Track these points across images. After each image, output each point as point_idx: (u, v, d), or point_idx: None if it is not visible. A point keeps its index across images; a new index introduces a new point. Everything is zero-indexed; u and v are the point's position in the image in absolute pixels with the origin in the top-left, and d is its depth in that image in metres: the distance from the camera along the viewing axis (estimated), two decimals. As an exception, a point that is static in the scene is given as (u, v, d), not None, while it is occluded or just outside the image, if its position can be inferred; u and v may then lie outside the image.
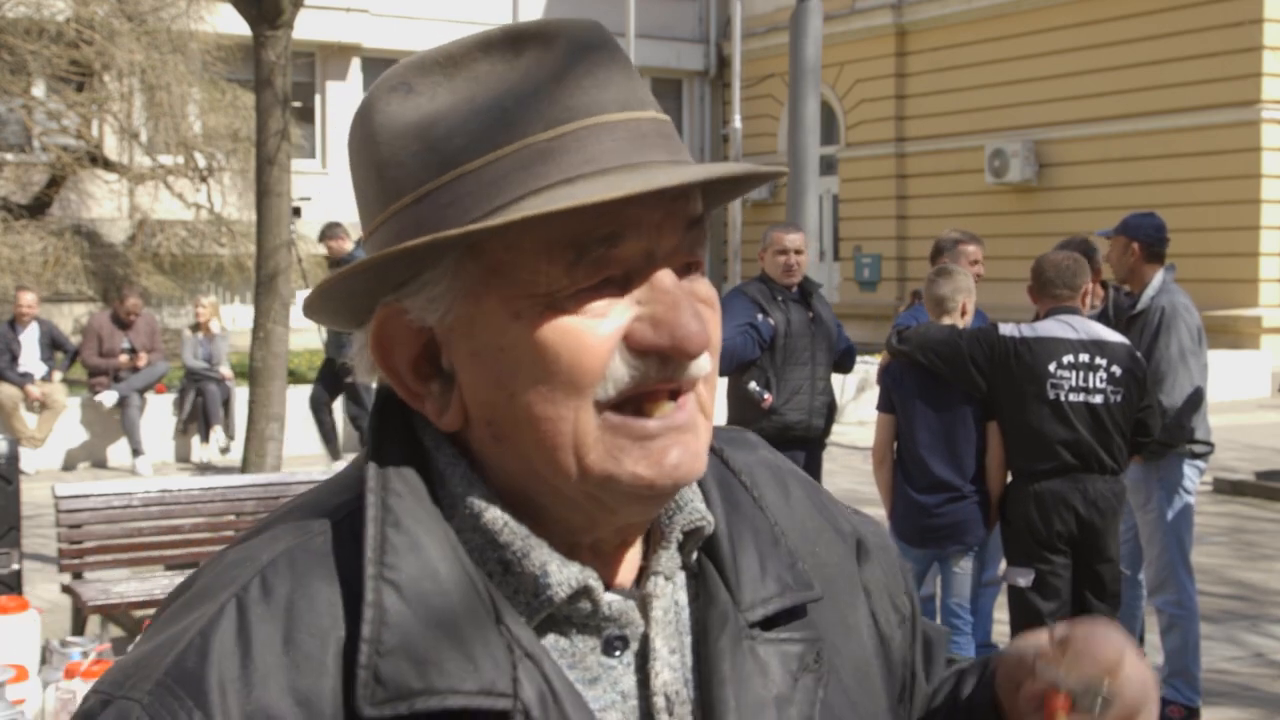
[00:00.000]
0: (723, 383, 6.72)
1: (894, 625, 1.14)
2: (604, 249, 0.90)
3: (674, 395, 0.94)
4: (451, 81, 0.93)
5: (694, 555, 1.01)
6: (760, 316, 6.40)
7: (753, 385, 6.40)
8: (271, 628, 0.89)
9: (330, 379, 11.54)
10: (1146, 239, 5.84)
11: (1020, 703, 1.05)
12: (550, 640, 0.94)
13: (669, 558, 0.99)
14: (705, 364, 0.95)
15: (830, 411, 6.67)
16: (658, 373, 0.92)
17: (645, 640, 0.97)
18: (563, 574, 0.93)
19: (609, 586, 0.97)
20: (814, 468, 6.67)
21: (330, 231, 11.60)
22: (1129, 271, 5.91)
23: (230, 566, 0.94)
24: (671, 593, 1.00)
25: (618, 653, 0.96)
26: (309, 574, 0.92)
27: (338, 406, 11.98)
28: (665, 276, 0.92)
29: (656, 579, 0.99)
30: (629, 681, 0.96)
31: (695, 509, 1.01)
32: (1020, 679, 1.04)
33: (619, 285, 0.92)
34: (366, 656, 0.87)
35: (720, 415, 6.90)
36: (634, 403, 0.92)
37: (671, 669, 0.97)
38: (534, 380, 0.91)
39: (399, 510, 0.92)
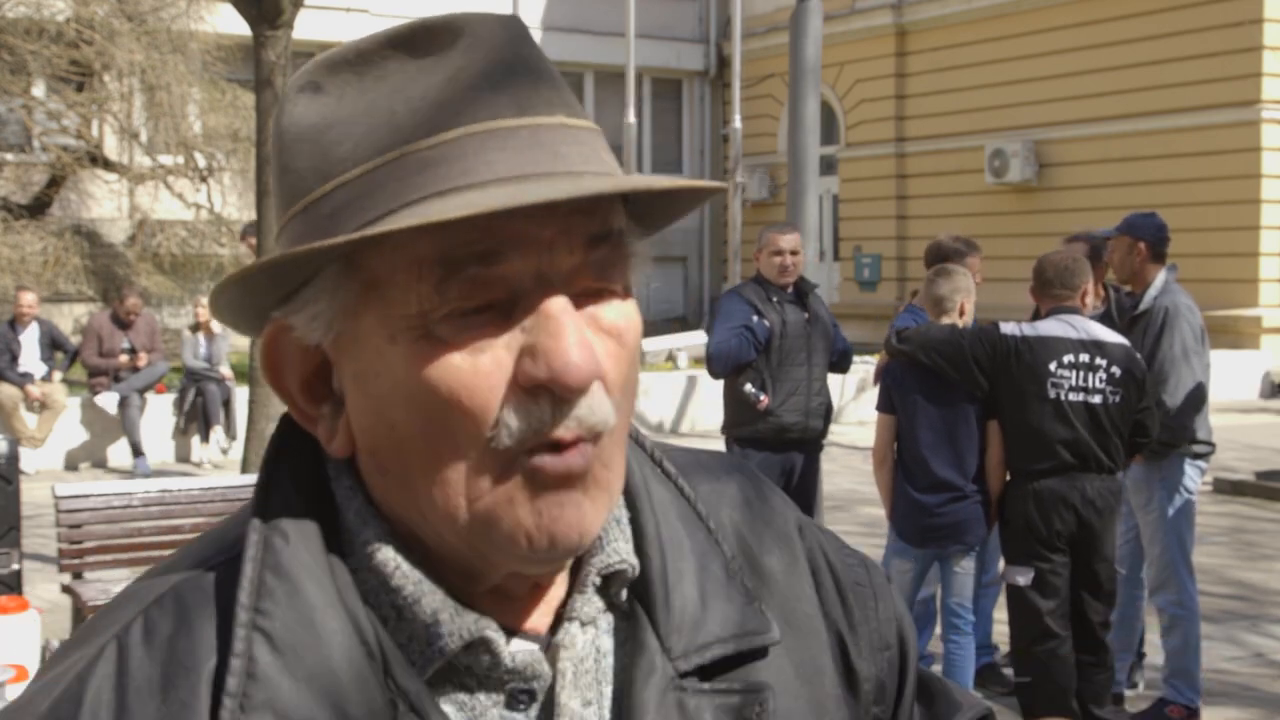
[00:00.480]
0: (719, 385, 6.72)
1: (844, 685, 1.02)
2: (479, 268, 0.81)
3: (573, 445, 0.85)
4: (361, 81, 0.86)
5: (623, 596, 0.93)
6: (755, 318, 6.38)
7: (748, 387, 6.39)
8: (151, 672, 0.84)
9: None
10: (1151, 239, 5.84)
11: None
12: (448, 693, 0.88)
13: (585, 602, 0.92)
14: (606, 414, 0.85)
15: (828, 412, 6.67)
16: (551, 415, 0.82)
17: (553, 692, 0.89)
18: (455, 624, 0.86)
19: (519, 631, 0.90)
20: (812, 469, 6.66)
21: (250, 231, 11.34)
22: (1133, 272, 5.90)
23: (119, 604, 0.89)
24: (592, 639, 0.92)
25: (522, 706, 0.89)
26: (195, 613, 0.86)
27: None
28: (552, 302, 0.83)
29: (570, 626, 0.91)
30: None
31: (615, 550, 0.92)
32: None
33: (504, 311, 0.83)
34: (230, 712, 0.81)
35: (716, 417, 6.87)
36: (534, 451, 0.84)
37: None
38: (413, 413, 0.83)
39: (280, 550, 0.86)
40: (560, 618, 0.92)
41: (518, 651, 0.89)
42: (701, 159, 27.26)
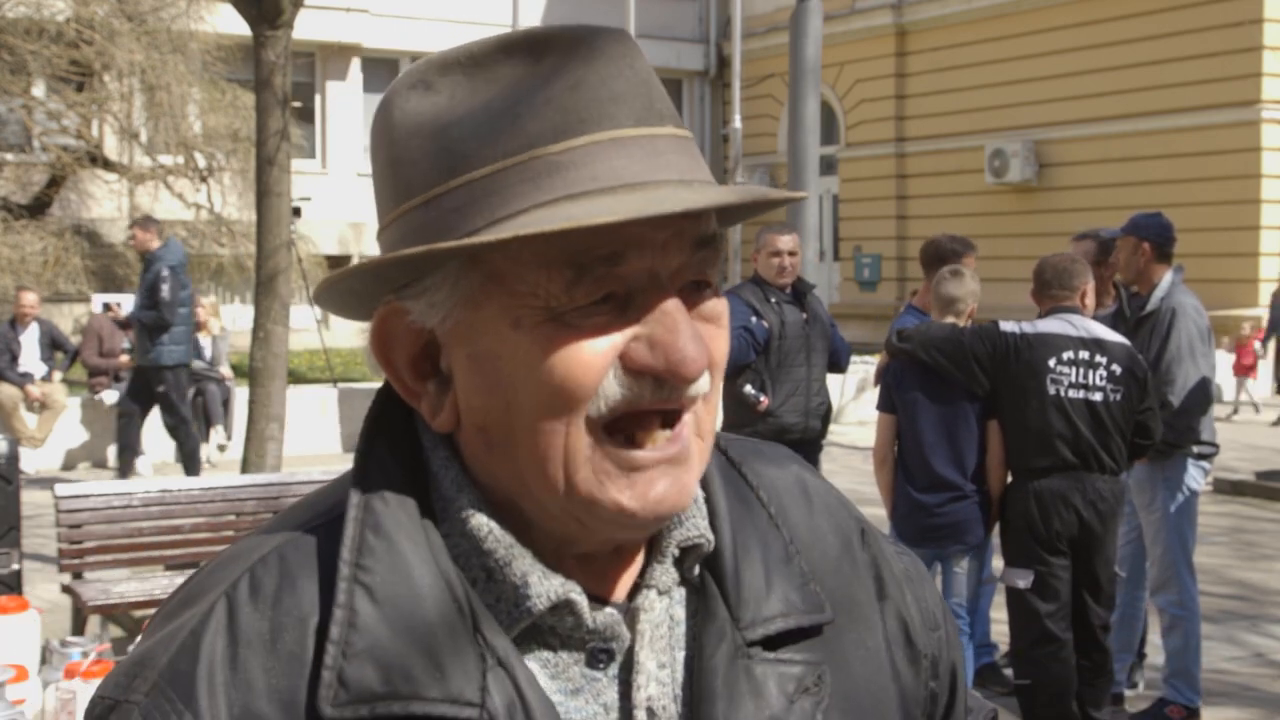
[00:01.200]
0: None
1: (904, 661, 1.09)
2: (605, 268, 0.89)
3: (669, 421, 0.92)
4: (471, 82, 0.92)
5: (695, 570, 1.00)
6: (754, 319, 6.34)
7: (748, 389, 6.35)
8: (259, 626, 0.90)
9: (141, 389, 10.97)
10: (1156, 239, 5.84)
11: None
12: (533, 650, 0.94)
13: (663, 572, 0.98)
14: (704, 384, 0.93)
15: (827, 413, 6.64)
16: (653, 394, 0.91)
17: (631, 653, 0.96)
18: (543, 586, 0.92)
19: (600, 598, 0.96)
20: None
21: (139, 222, 11.07)
22: (1138, 272, 5.90)
23: (225, 563, 0.96)
24: (666, 607, 0.98)
25: (602, 665, 0.95)
26: (298, 570, 0.92)
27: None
28: (666, 297, 0.91)
29: (649, 593, 0.98)
30: (612, 694, 0.95)
31: (694, 525, 0.99)
32: None
33: (620, 302, 0.91)
34: (332, 658, 0.87)
35: (721, 416, 6.86)
36: (627, 426, 0.91)
37: (660, 684, 0.96)
38: (529, 391, 0.90)
39: (380, 512, 0.92)
40: (638, 587, 0.99)
41: (598, 614, 0.95)
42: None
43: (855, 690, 1.03)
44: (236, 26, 11.06)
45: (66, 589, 6.32)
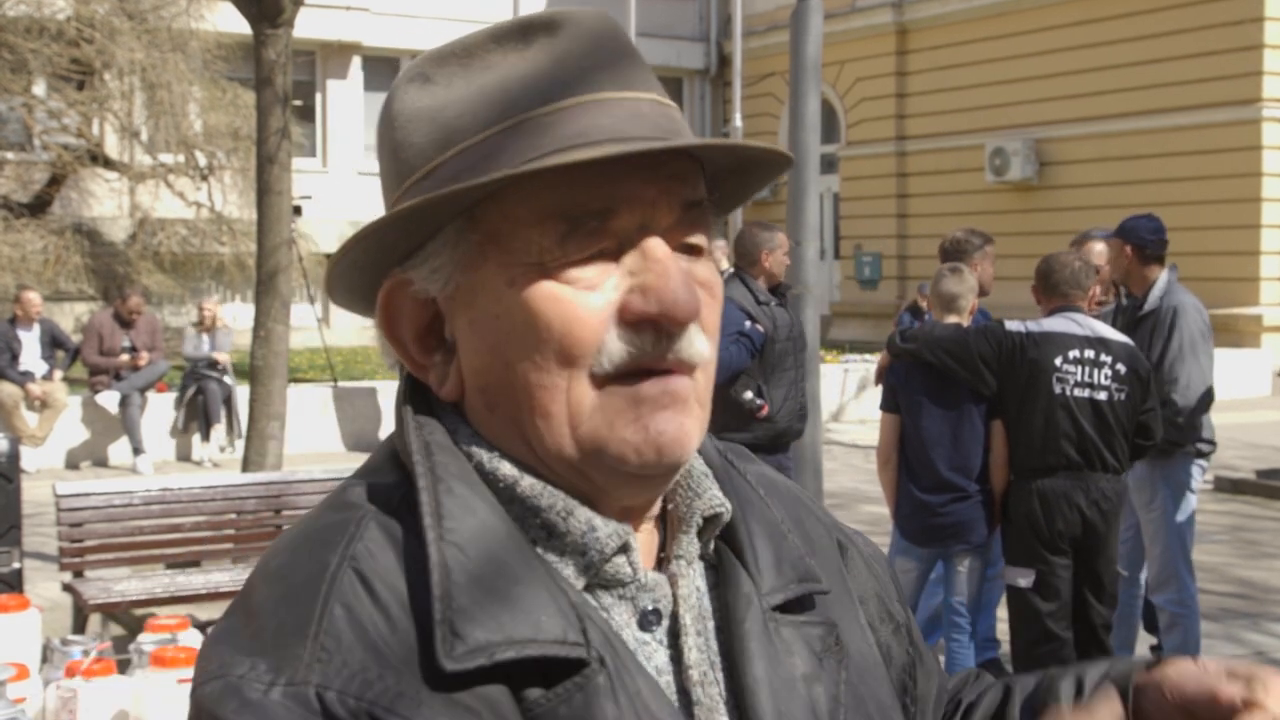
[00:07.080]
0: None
1: (888, 632, 1.14)
2: (597, 222, 0.92)
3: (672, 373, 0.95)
4: (467, 71, 0.97)
5: (711, 545, 1.03)
6: (748, 323, 6.15)
7: (748, 395, 6.13)
8: (393, 590, 0.90)
9: None
10: (1137, 241, 5.87)
11: None
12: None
13: (689, 542, 1.01)
14: (703, 348, 0.96)
15: (806, 414, 6.57)
16: (654, 347, 0.93)
17: (675, 617, 0.98)
18: (609, 527, 0.95)
19: None
20: (789, 469, 6.53)
21: None
22: (1125, 273, 5.94)
23: (323, 537, 0.93)
24: (693, 579, 1.01)
25: (653, 628, 0.97)
26: (397, 535, 0.92)
27: None
28: (657, 245, 0.94)
29: (679, 563, 1.00)
30: (662, 657, 0.97)
31: (714, 495, 1.02)
32: (1196, 704, 0.97)
33: (612, 256, 0.94)
34: (440, 613, 0.88)
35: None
36: (634, 376, 0.93)
37: (699, 650, 0.98)
38: (527, 348, 0.93)
39: (446, 479, 0.94)
40: (663, 561, 1.01)
41: (648, 574, 0.98)
42: (702, 157, 27.23)
43: (857, 653, 1.07)
44: (237, 25, 11.05)
45: (67, 587, 6.32)
